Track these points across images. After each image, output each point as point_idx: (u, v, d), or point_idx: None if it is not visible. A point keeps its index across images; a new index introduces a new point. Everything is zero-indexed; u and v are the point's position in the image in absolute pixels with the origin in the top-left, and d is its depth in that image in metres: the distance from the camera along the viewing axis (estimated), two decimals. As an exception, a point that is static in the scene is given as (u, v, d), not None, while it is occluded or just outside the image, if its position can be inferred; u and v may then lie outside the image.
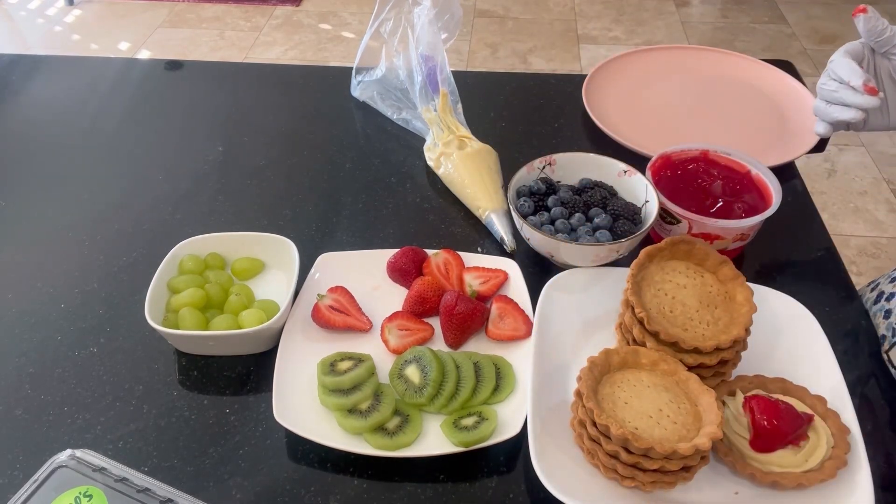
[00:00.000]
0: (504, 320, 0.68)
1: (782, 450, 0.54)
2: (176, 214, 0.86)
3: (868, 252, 1.87)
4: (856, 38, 0.75)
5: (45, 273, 0.79)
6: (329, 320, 0.69)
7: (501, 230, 0.79)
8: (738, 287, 0.62)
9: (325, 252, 0.76)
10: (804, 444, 0.54)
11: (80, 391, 0.67)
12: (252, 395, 0.66)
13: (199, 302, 0.70)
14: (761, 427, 0.54)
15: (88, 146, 0.98)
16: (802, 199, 0.87)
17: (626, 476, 0.54)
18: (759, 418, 0.54)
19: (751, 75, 1.06)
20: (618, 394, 0.56)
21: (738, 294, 0.62)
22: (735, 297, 0.62)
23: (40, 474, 0.53)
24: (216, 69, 1.20)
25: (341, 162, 0.94)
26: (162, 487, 0.53)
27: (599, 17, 2.95)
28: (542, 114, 1.02)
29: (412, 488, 0.59)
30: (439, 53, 0.93)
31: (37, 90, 1.10)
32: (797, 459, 0.54)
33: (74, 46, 2.81)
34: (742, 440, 0.56)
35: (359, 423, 0.60)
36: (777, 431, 0.54)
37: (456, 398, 0.62)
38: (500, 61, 2.68)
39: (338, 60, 2.70)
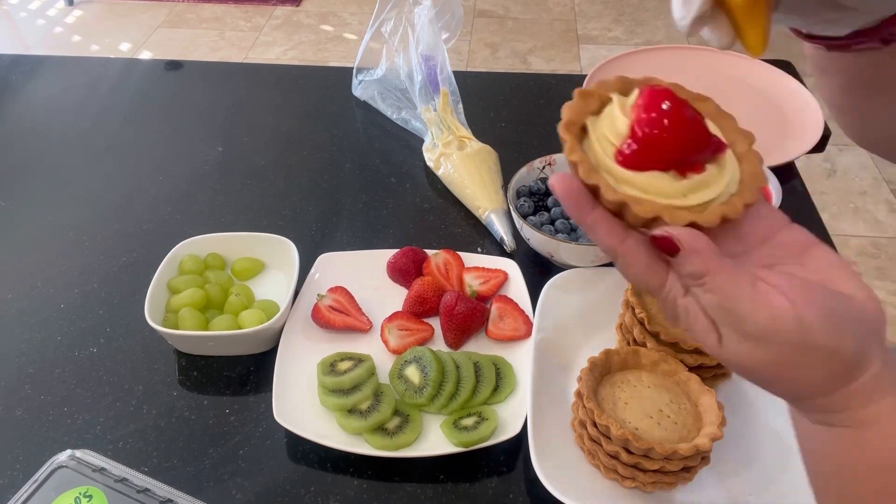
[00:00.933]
0: (504, 320, 0.68)
1: (657, 172, 0.35)
2: (176, 214, 0.86)
3: (868, 252, 1.87)
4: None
5: (45, 273, 0.79)
6: (329, 320, 0.69)
7: (501, 230, 0.79)
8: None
9: (325, 252, 0.76)
10: (693, 175, 0.35)
11: (80, 391, 0.67)
12: (252, 395, 0.66)
13: (199, 302, 0.70)
14: (642, 130, 0.35)
15: (88, 146, 0.98)
16: (802, 199, 0.87)
17: (626, 476, 0.54)
18: (643, 118, 0.35)
19: (751, 75, 1.06)
20: (618, 394, 0.56)
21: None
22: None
23: (40, 474, 0.53)
24: (216, 69, 1.20)
25: (341, 162, 0.94)
26: (162, 488, 0.53)
27: (599, 17, 2.95)
28: (542, 114, 1.02)
29: (412, 488, 0.59)
30: (440, 53, 0.93)
31: (37, 91, 1.10)
32: (672, 188, 0.35)
33: (75, 47, 2.81)
34: (609, 146, 0.36)
35: (359, 423, 0.59)
36: (660, 141, 0.35)
37: (456, 398, 0.62)
38: (500, 61, 2.68)
39: (337, 60, 2.70)
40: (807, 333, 0.32)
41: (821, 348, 0.32)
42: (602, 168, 0.36)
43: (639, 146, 0.35)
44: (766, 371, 0.34)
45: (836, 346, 0.32)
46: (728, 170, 0.36)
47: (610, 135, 0.36)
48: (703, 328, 0.35)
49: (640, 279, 0.36)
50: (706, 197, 0.35)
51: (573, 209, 0.36)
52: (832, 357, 0.32)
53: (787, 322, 0.32)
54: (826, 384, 0.34)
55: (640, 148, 0.35)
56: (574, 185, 0.35)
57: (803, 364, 0.33)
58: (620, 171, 0.35)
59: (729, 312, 0.33)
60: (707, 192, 0.35)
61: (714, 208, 0.35)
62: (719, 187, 0.36)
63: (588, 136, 0.37)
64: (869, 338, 0.33)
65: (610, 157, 0.36)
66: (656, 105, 0.35)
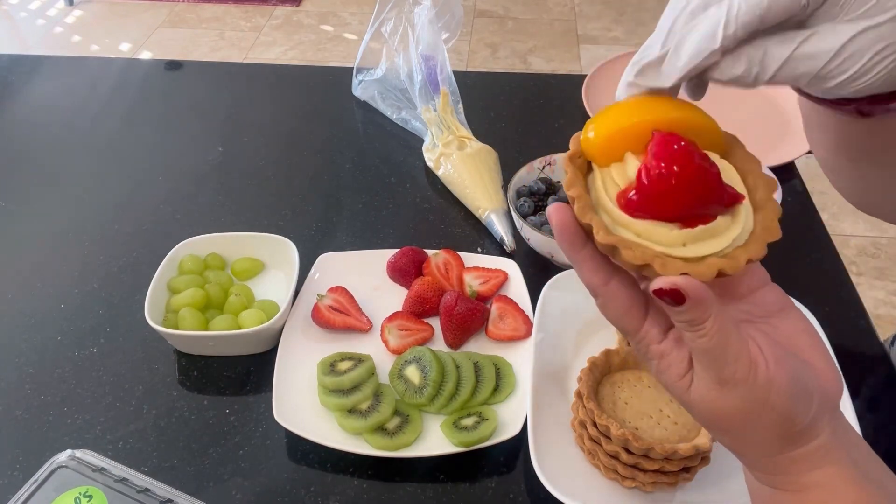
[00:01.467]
0: (504, 320, 0.68)
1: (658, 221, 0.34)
2: (176, 214, 0.86)
3: (868, 252, 1.87)
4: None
5: (45, 273, 0.79)
6: (329, 320, 0.69)
7: (501, 230, 0.79)
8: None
9: (325, 252, 0.76)
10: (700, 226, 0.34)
11: (80, 391, 0.67)
12: (252, 395, 0.66)
13: (199, 302, 0.70)
14: (648, 180, 0.33)
15: (88, 146, 0.98)
16: (802, 199, 0.87)
17: (626, 476, 0.54)
18: (651, 167, 0.33)
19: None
20: (618, 394, 0.56)
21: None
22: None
23: (40, 474, 0.53)
24: (216, 69, 1.20)
25: (341, 162, 0.94)
26: (162, 487, 0.53)
27: (599, 17, 2.95)
28: (542, 114, 1.02)
29: (412, 488, 0.59)
30: (440, 53, 0.93)
31: (37, 91, 1.10)
32: (670, 237, 0.34)
33: (75, 47, 2.81)
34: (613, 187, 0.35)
35: (359, 423, 0.59)
36: (664, 196, 0.33)
37: (456, 398, 0.62)
38: (500, 61, 2.68)
39: (337, 60, 2.70)
40: (771, 393, 0.33)
41: (778, 411, 0.33)
42: (601, 207, 0.35)
43: (641, 196, 0.33)
44: (727, 420, 0.35)
45: (791, 412, 0.34)
46: (740, 222, 0.35)
47: (616, 175, 0.35)
48: (676, 373, 0.35)
49: (617, 321, 0.36)
50: (709, 249, 0.34)
51: (564, 244, 0.36)
52: (785, 421, 0.34)
53: (760, 376, 0.33)
54: (773, 446, 0.35)
55: (641, 198, 0.33)
56: (569, 218, 0.35)
57: (761, 421, 0.34)
58: (619, 213, 0.34)
59: (715, 357, 0.33)
60: (711, 244, 0.34)
61: (712, 261, 0.33)
62: (726, 240, 0.34)
63: (594, 172, 0.36)
64: (822, 409, 0.35)
65: (611, 197, 0.34)
66: (667, 155, 0.33)
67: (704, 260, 0.34)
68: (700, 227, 0.33)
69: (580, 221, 0.34)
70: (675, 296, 0.33)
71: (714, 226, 0.34)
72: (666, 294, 0.33)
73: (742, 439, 0.36)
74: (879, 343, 0.71)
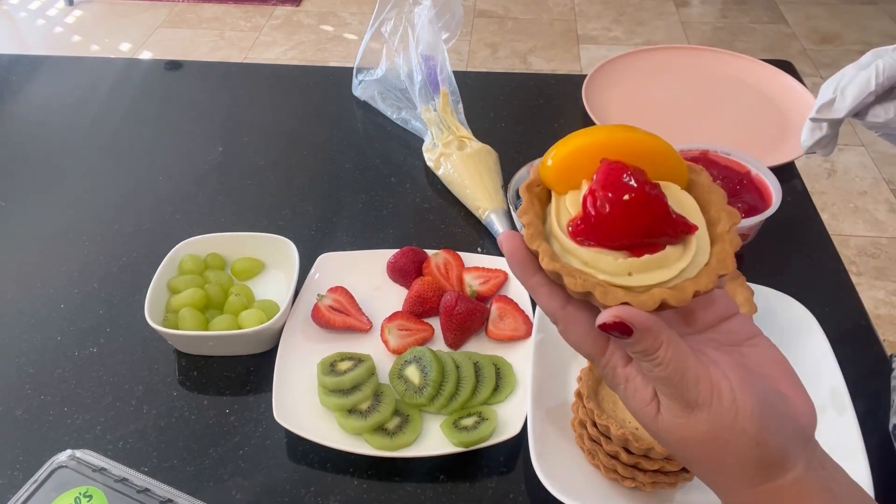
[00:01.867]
0: (504, 320, 0.68)
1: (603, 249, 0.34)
2: (176, 214, 0.86)
3: (868, 252, 1.87)
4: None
5: (45, 273, 0.79)
6: (329, 320, 0.69)
7: (501, 230, 0.79)
8: (738, 287, 0.62)
9: (325, 252, 0.76)
10: (647, 255, 0.34)
11: (80, 391, 0.67)
12: (252, 395, 0.66)
13: (199, 302, 0.70)
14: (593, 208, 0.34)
15: (88, 146, 0.98)
16: (802, 199, 0.87)
17: (626, 476, 0.54)
18: (597, 192, 0.34)
19: (751, 75, 1.06)
20: (618, 394, 0.56)
21: (738, 295, 0.62)
22: (735, 297, 0.62)
23: (40, 474, 0.53)
24: (216, 69, 1.20)
25: (341, 162, 0.94)
26: (162, 487, 0.53)
27: (599, 17, 2.95)
28: (542, 114, 1.02)
29: (412, 488, 0.59)
30: (440, 53, 0.93)
31: (37, 90, 1.10)
32: (615, 266, 0.34)
33: (75, 47, 2.81)
34: (566, 215, 0.36)
35: (359, 423, 0.59)
36: (607, 223, 0.34)
37: (456, 398, 0.62)
38: (500, 61, 2.68)
39: (337, 60, 2.70)
40: (738, 416, 0.33)
41: (747, 434, 0.33)
42: (553, 235, 0.35)
43: (586, 224, 0.34)
44: (697, 448, 0.34)
45: (761, 436, 0.33)
46: (691, 253, 0.34)
47: (570, 203, 0.35)
48: (641, 398, 0.35)
49: (580, 347, 0.36)
50: (655, 279, 0.34)
51: (515, 270, 0.36)
52: (757, 446, 0.33)
53: (724, 400, 0.33)
54: (746, 476, 0.34)
55: (587, 226, 0.34)
56: (519, 245, 0.35)
57: (732, 446, 0.33)
58: (567, 241, 0.35)
59: (674, 384, 0.33)
60: (657, 275, 0.34)
61: (655, 292, 0.33)
62: (673, 271, 0.34)
63: (552, 201, 0.37)
64: (796, 438, 0.34)
65: (562, 225, 0.35)
66: (611, 182, 0.33)
67: (649, 290, 0.33)
68: (646, 256, 0.33)
69: (529, 248, 0.35)
70: (620, 328, 0.33)
71: (662, 256, 0.34)
72: (611, 328, 0.33)
73: (714, 469, 0.35)
74: (879, 343, 0.71)
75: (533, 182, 0.37)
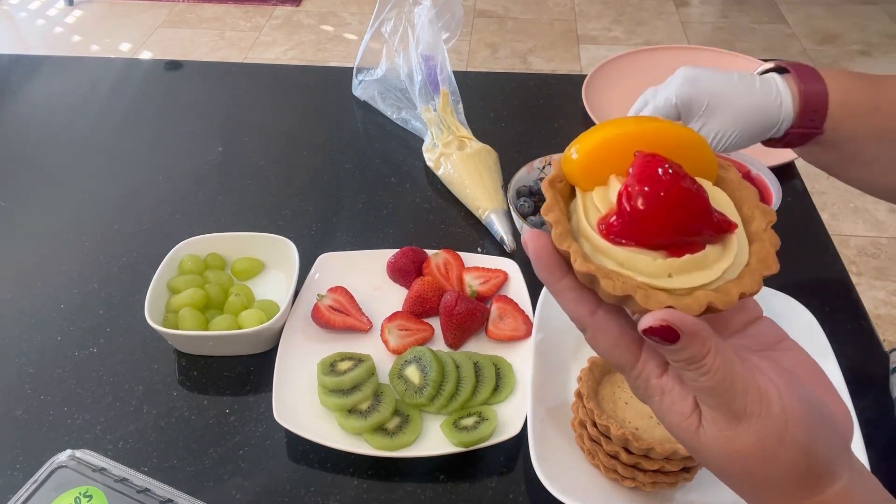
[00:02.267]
0: (504, 320, 0.68)
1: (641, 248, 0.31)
2: (176, 214, 0.86)
3: (868, 252, 1.87)
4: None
5: (45, 273, 0.79)
6: (329, 320, 0.69)
7: (501, 230, 0.79)
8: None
9: (325, 252, 0.76)
10: (687, 255, 0.31)
11: (80, 391, 0.67)
12: (252, 395, 0.66)
13: (199, 302, 0.69)
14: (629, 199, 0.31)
15: (88, 146, 0.98)
16: (802, 199, 0.87)
17: (626, 476, 0.54)
18: (631, 190, 0.31)
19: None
20: (618, 394, 0.56)
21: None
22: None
23: (40, 474, 0.53)
24: (216, 69, 1.20)
25: (341, 162, 0.94)
26: (162, 487, 0.53)
27: (599, 17, 2.95)
28: (542, 114, 1.02)
29: (412, 488, 0.59)
30: (440, 53, 0.93)
31: (37, 90, 1.10)
32: (654, 267, 0.31)
33: (75, 47, 2.81)
34: (594, 212, 0.33)
35: (359, 423, 0.59)
36: (646, 220, 0.31)
37: (456, 398, 0.62)
38: (500, 61, 2.68)
39: (337, 60, 2.70)
40: (788, 425, 0.30)
41: (797, 444, 0.30)
42: (581, 233, 0.32)
43: (621, 221, 0.31)
44: (743, 462, 0.31)
45: (810, 445, 0.31)
46: (732, 253, 0.32)
47: (598, 199, 0.33)
48: (680, 412, 0.32)
49: (609, 356, 0.33)
50: (697, 281, 0.31)
51: (542, 273, 0.33)
52: (806, 457, 0.31)
53: (773, 409, 0.30)
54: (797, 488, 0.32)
55: (622, 223, 0.31)
56: (547, 246, 0.33)
57: (780, 458, 0.31)
58: (599, 240, 0.31)
59: (721, 394, 0.30)
60: (700, 276, 0.31)
61: (700, 295, 0.30)
62: (715, 272, 0.31)
63: (576, 197, 0.34)
64: (838, 445, 0.32)
65: (592, 223, 0.32)
66: (649, 176, 0.31)
67: (692, 293, 0.31)
68: (687, 256, 0.31)
69: (558, 249, 0.32)
70: (666, 333, 0.30)
71: (703, 255, 0.31)
72: (656, 333, 0.30)
73: (759, 484, 0.32)
74: (879, 343, 0.71)
75: (556, 177, 0.34)
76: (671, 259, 0.31)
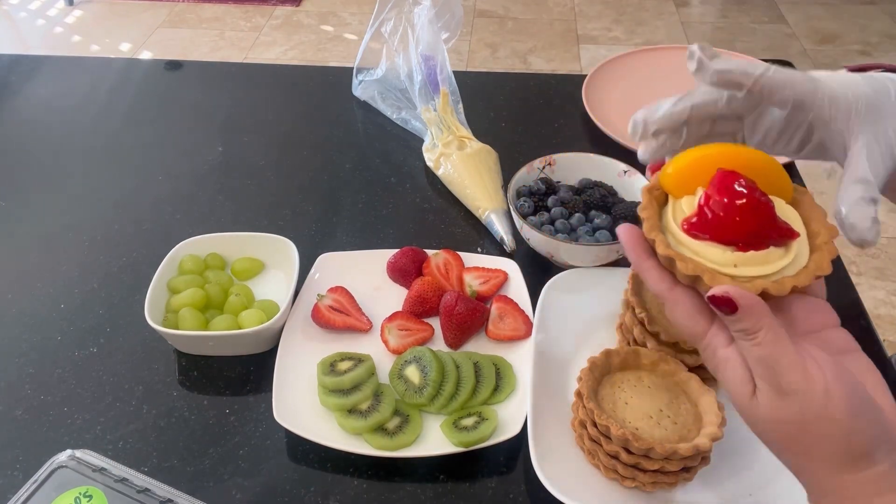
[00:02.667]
0: (504, 320, 0.68)
1: (714, 243, 0.40)
2: (176, 214, 0.86)
3: (868, 252, 1.87)
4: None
5: (45, 273, 0.79)
6: (329, 320, 0.69)
7: (501, 230, 0.79)
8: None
9: (325, 252, 0.76)
10: (752, 252, 0.39)
11: (80, 391, 0.67)
12: (252, 395, 0.66)
13: (199, 302, 0.70)
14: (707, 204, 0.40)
15: (88, 146, 0.98)
16: (802, 199, 0.87)
17: (626, 476, 0.54)
18: (713, 196, 0.40)
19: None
20: (618, 394, 0.56)
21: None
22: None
23: (40, 474, 0.53)
24: (216, 69, 1.20)
25: (341, 162, 0.94)
26: (162, 487, 0.53)
27: (599, 17, 2.95)
28: (542, 114, 1.02)
29: (412, 488, 0.59)
30: (440, 53, 0.93)
31: (37, 90, 1.10)
32: (722, 258, 0.39)
33: (75, 47, 2.81)
34: (681, 214, 0.42)
35: (359, 423, 0.59)
36: (719, 222, 0.39)
37: (456, 398, 0.62)
38: (500, 61, 2.68)
39: (337, 60, 2.70)
40: (829, 404, 0.35)
41: (839, 423, 0.35)
42: (667, 229, 0.42)
43: (700, 220, 0.40)
44: (788, 428, 0.37)
45: (852, 426, 0.35)
46: (793, 254, 0.40)
47: (685, 205, 0.42)
48: (740, 378, 0.38)
49: (684, 324, 0.40)
50: (757, 272, 0.39)
51: (632, 254, 0.41)
52: (845, 435, 0.35)
53: (816, 387, 0.35)
54: (837, 462, 0.36)
55: (700, 222, 0.40)
56: (636, 235, 0.42)
57: (820, 432, 0.36)
58: (681, 234, 0.41)
59: (770, 366, 0.36)
60: (760, 269, 0.39)
61: (758, 282, 0.38)
62: (774, 268, 0.39)
63: (668, 203, 0.43)
64: (884, 440, 0.36)
65: (677, 221, 0.41)
66: (725, 189, 0.39)
67: (752, 280, 0.39)
68: (752, 252, 0.39)
69: (647, 237, 0.41)
70: (727, 303, 0.37)
71: (765, 254, 0.39)
72: (719, 301, 0.37)
73: (801, 453, 0.37)
74: (879, 343, 0.71)
75: (653, 186, 0.44)
76: (738, 253, 0.39)
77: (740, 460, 0.58)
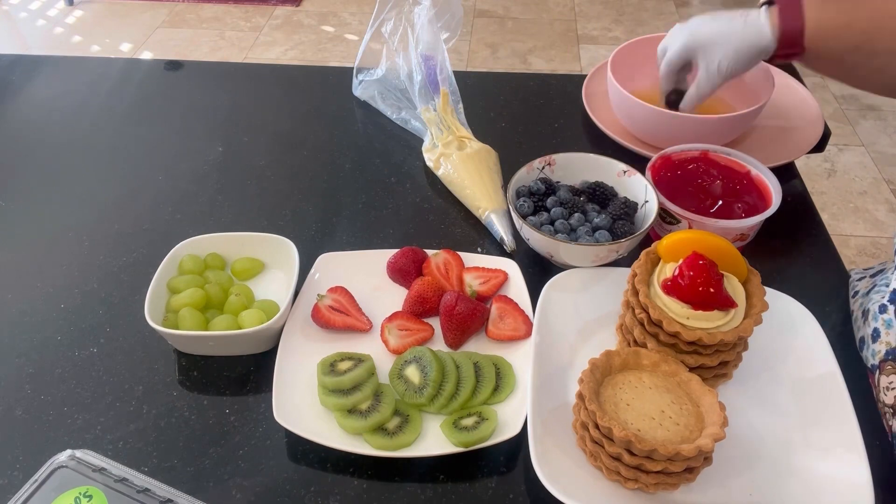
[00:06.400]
0: (504, 320, 0.68)
1: (677, 300, 0.59)
2: (176, 214, 0.86)
3: (868, 252, 1.87)
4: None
5: (45, 273, 0.79)
6: (329, 320, 0.69)
7: (501, 230, 0.79)
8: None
9: (325, 252, 0.76)
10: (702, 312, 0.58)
11: (80, 391, 0.67)
12: (252, 395, 0.66)
13: (199, 302, 0.69)
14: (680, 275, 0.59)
15: (88, 146, 0.98)
16: (802, 199, 0.87)
17: (629, 478, 0.54)
18: (683, 269, 0.59)
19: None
20: (619, 395, 0.56)
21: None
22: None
23: (40, 474, 0.53)
24: (216, 69, 1.20)
25: (341, 162, 0.94)
26: (162, 487, 0.53)
27: (599, 17, 2.95)
28: (542, 114, 1.02)
29: (412, 488, 0.59)
30: (440, 53, 0.93)
31: (37, 90, 1.10)
32: (681, 311, 0.58)
33: (75, 47, 2.81)
34: (663, 275, 0.61)
35: (359, 423, 0.59)
36: (685, 286, 0.58)
37: (456, 398, 0.62)
38: (500, 61, 2.68)
39: (337, 60, 2.70)
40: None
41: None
42: (652, 283, 0.61)
43: (672, 284, 0.59)
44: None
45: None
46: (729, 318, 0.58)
47: (668, 269, 0.61)
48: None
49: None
50: (701, 325, 0.58)
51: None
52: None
53: None
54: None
55: (672, 285, 0.59)
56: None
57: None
58: (659, 290, 0.60)
59: None
60: (704, 323, 0.58)
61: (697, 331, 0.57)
62: (714, 324, 0.58)
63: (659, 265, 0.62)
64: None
65: (660, 281, 0.61)
66: (692, 267, 0.58)
67: (695, 330, 0.57)
68: (701, 311, 0.58)
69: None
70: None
71: (710, 314, 0.58)
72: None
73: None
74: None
75: (652, 250, 0.63)
76: (691, 310, 0.58)
77: (743, 460, 0.58)
